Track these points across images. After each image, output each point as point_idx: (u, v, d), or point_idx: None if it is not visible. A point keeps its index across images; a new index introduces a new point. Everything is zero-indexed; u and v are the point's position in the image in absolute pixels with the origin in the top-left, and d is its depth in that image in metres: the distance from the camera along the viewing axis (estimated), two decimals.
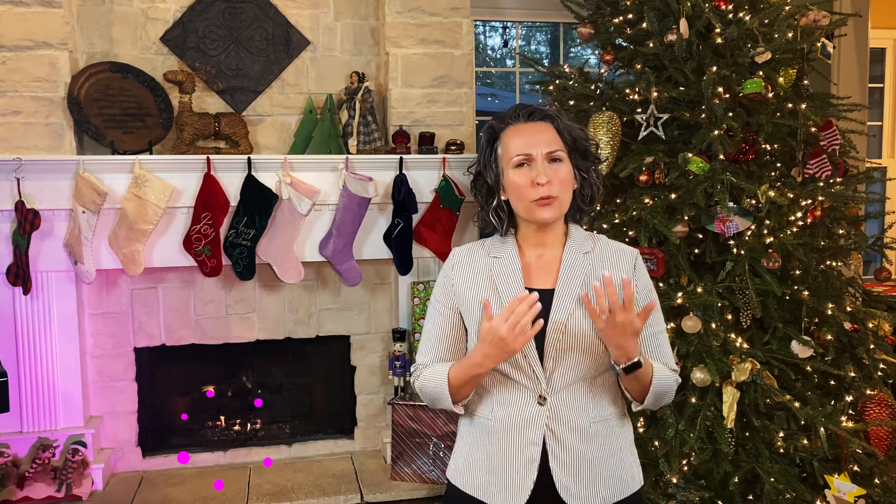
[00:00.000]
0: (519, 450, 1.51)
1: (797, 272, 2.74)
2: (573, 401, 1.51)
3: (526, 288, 1.54)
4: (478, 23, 4.21)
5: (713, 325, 2.61)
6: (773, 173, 2.83)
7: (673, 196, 2.67)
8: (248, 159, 3.21)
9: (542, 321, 1.40)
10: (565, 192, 1.53)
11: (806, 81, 2.91)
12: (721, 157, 2.61)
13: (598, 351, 1.51)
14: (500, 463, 1.52)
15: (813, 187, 2.75)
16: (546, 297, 1.52)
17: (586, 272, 1.55)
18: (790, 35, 2.71)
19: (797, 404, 2.58)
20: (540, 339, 1.49)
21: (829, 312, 2.69)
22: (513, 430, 1.52)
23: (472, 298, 1.57)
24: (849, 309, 2.78)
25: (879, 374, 2.81)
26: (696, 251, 2.76)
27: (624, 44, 2.99)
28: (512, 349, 1.40)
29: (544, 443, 1.50)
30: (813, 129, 2.78)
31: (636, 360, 1.46)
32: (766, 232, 2.67)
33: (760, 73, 2.65)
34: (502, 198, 1.59)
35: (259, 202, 3.21)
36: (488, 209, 1.62)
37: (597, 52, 3.25)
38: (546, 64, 3.50)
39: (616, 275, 1.54)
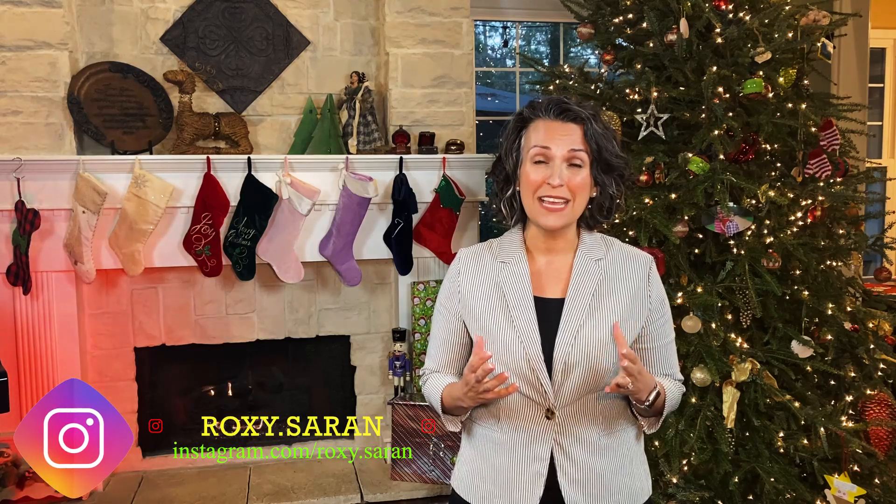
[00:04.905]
0: (526, 464, 1.47)
1: (797, 272, 2.74)
2: (583, 414, 1.47)
3: (535, 297, 1.49)
4: (478, 23, 4.21)
5: (713, 325, 2.61)
6: (773, 173, 2.83)
7: (673, 196, 2.67)
8: (248, 159, 3.21)
9: (516, 385, 1.41)
10: (578, 198, 1.47)
11: (806, 81, 2.91)
12: (721, 157, 2.61)
13: (610, 362, 1.45)
14: (506, 476, 1.48)
15: (813, 187, 2.75)
16: (556, 307, 1.48)
17: (598, 280, 1.49)
18: (790, 35, 2.71)
19: (797, 404, 2.58)
20: (549, 352, 1.45)
21: (829, 312, 2.69)
22: (520, 444, 1.48)
23: (479, 307, 1.52)
24: (849, 309, 2.78)
25: (879, 374, 2.81)
26: (696, 251, 2.77)
27: (624, 44, 2.99)
28: (483, 399, 1.41)
29: (552, 457, 1.46)
30: (813, 129, 2.78)
31: (657, 389, 1.44)
32: (766, 232, 2.67)
33: (760, 73, 2.65)
34: (517, 188, 1.51)
35: (259, 202, 3.21)
36: (502, 197, 1.55)
37: (597, 52, 3.25)
38: (546, 64, 3.50)
39: (628, 283, 1.51)
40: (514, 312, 1.48)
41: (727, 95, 2.67)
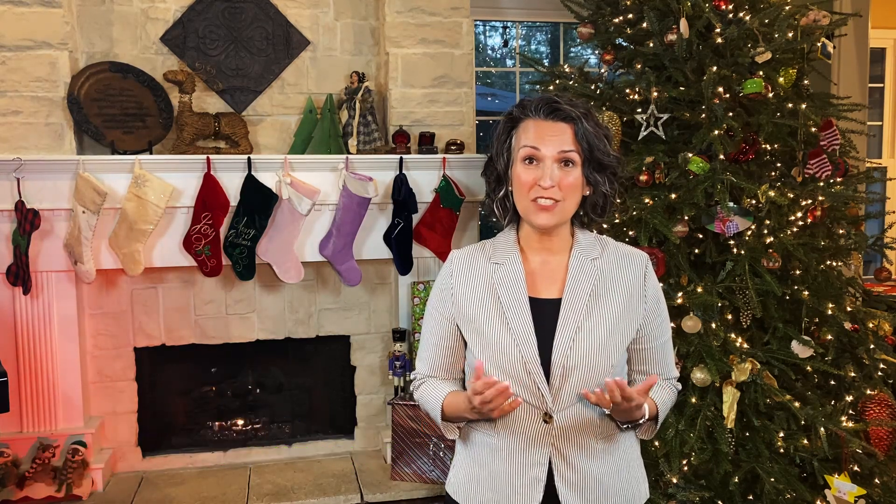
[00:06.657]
0: (524, 469, 1.45)
1: (797, 272, 2.74)
2: (581, 418, 1.44)
3: (529, 297, 1.47)
4: (478, 23, 4.21)
5: (713, 325, 2.61)
6: (773, 173, 2.83)
7: (673, 196, 2.67)
8: (248, 159, 3.21)
9: (520, 399, 1.38)
10: (570, 198, 1.45)
11: (806, 81, 2.91)
12: (721, 157, 2.61)
13: (608, 364, 1.44)
14: (503, 482, 1.47)
15: (813, 187, 2.75)
16: (552, 307, 1.46)
17: (594, 280, 1.48)
18: (790, 35, 2.70)
19: (797, 404, 2.57)
20: (545, 354, 1.43)
21: (829, 312, 2.69)
22: (517, 449, 1.46)
23: (472, 309, 1.50)
24: (849, 309, 2.78)
25: (879, 374, 2.80)
26: (696, 251, 2.76)
27: (624, 44, 2.99)
28: (492, 416, 1.40)
29: (550, 462, 1.44)
30: (813, 129, 2.78)
31: (639, 421, 1.46)
32: (766, 232, 2.67)
33: (760, 72, 2.65)
34: (509, 188, 1.51)
35: (259, 202, 3.21)
36: (494, 198, 1.54)
37: (597, 52, 3.25)
38: (546, 64, 3.50)
39: (625, 282, 1.49)
40: (509, 314, 1.46)
41: (727, 95, 2.67)
